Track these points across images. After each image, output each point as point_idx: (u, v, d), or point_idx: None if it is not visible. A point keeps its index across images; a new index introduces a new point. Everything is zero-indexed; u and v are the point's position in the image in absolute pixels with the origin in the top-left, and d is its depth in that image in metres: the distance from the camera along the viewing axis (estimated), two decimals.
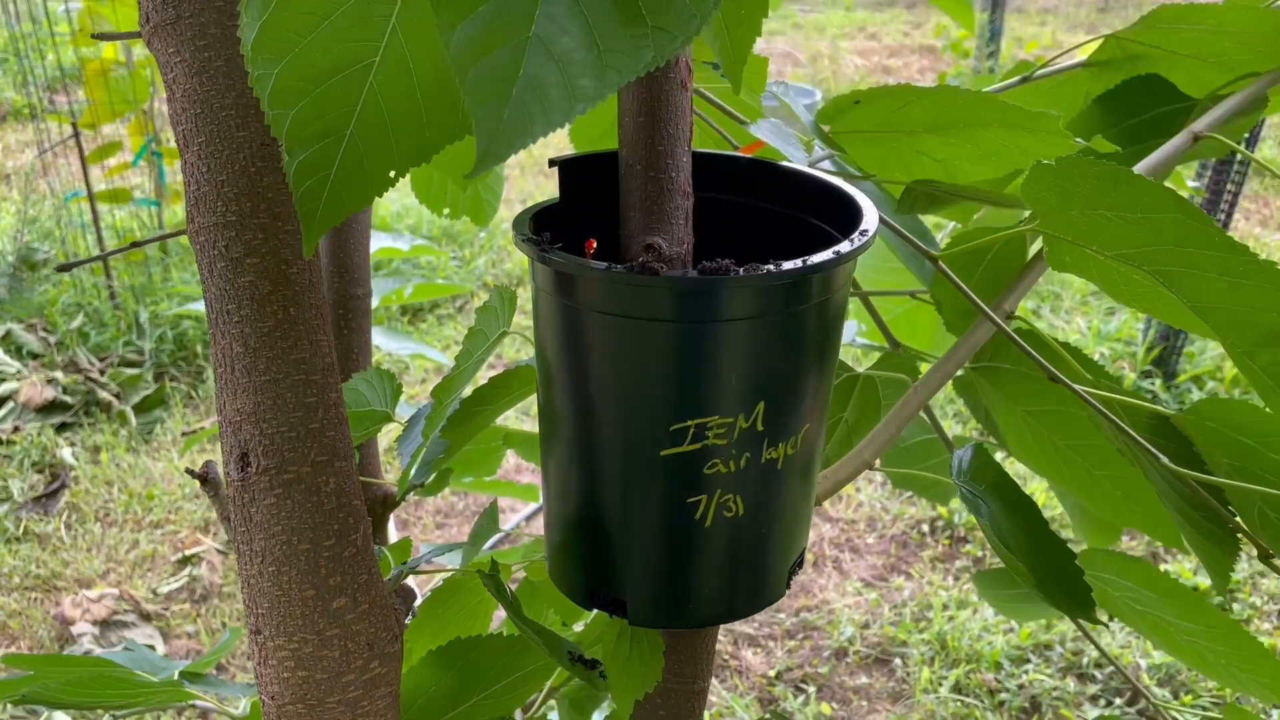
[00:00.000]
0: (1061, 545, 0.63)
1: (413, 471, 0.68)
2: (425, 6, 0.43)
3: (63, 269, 0.54)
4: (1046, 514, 2.34)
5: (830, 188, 0.53)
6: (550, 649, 0.51)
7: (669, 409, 0.45)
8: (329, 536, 0.48)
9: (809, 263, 0.44)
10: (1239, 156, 2.46)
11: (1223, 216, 2.65)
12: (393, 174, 0.46)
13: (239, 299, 0.48)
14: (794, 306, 0.45)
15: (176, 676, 0.83)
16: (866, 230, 0.47)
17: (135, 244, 0.54)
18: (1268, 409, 0.53)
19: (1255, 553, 0.58)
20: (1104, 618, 0.96)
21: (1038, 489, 2.42)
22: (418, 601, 0.55)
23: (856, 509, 2.50)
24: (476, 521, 0.76)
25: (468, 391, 0.66)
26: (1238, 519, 0.58)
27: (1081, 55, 0.85)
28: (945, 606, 2.17)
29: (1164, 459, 0.56)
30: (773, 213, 0.56)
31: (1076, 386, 0.57)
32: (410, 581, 0.65)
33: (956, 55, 5.55)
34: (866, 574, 2.30)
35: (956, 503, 2.30)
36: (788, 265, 0.43)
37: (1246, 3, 0.76)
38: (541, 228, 0.49)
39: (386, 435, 2.47)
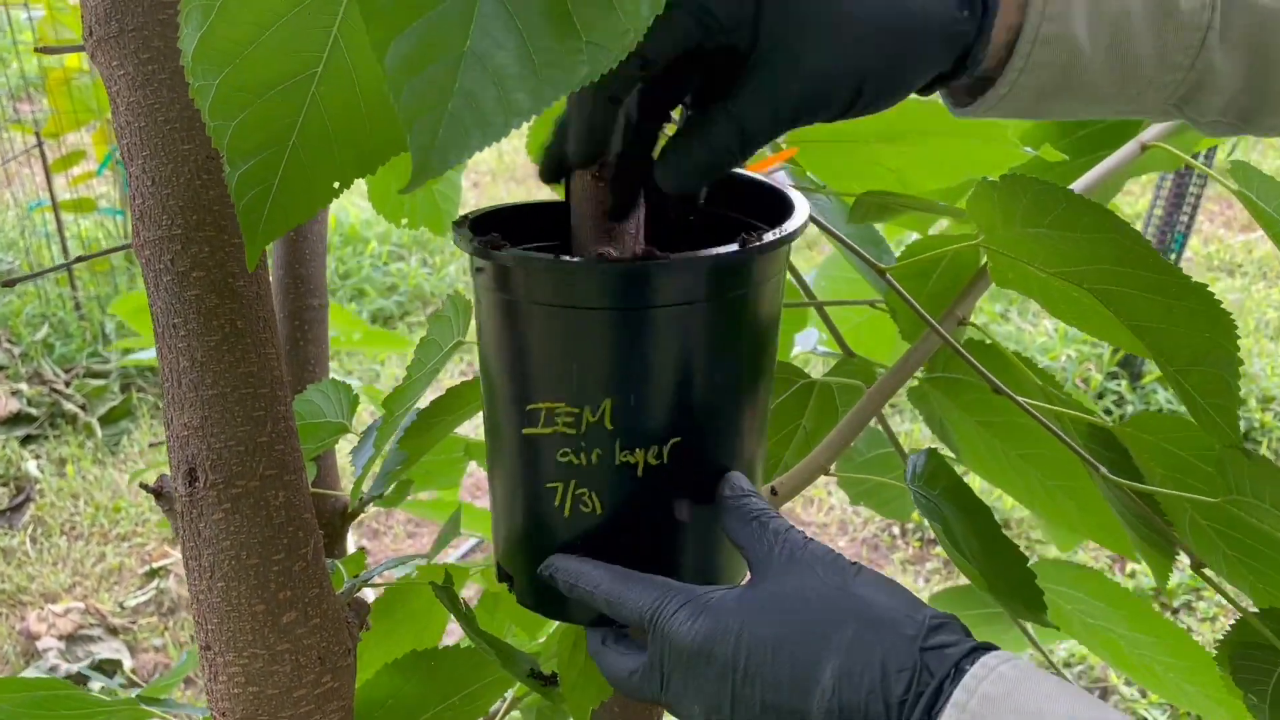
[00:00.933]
0: (1014, 550, 0.63)
1: (368, 483, 0.67)
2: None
3: (8, 284, 0.54)
4: (1014, 515, 2.36)
5: (775, 191, 0.53)
6: (504, 662, 0.51)
7: (526, 389, 0.46)
8: (278, 551, 0.48)
9: (648, 262, 0.43)
10: (1200, 162, 2.49)
11: (1185, 218, 2.69)
12: (337, 185, 0.46)
13: (185, 313, 0.48)
14: (643, 305, 0.43)
15: (133, 698, 0.83)
16: (772, 233, 0.45)
17: (80, 258, 0.53)
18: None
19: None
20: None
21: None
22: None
23: (828, 512, 2.51)
24: (442, 528, 0.76)
25: (425, 402, 0.66)
26: (1172, 527, 0.59)
27: None
28: None
29: (1102, 469, 0.57)
30: (728, 219, 0.56)
31: (1019, 399, 0.58)
32: (368, 594, 0.64)
33: None
34: None
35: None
36: (614, 262, 0.43)
37: None
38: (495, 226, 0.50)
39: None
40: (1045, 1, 0.42)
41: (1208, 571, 0.58)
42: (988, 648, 0.38)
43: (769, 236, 0.45)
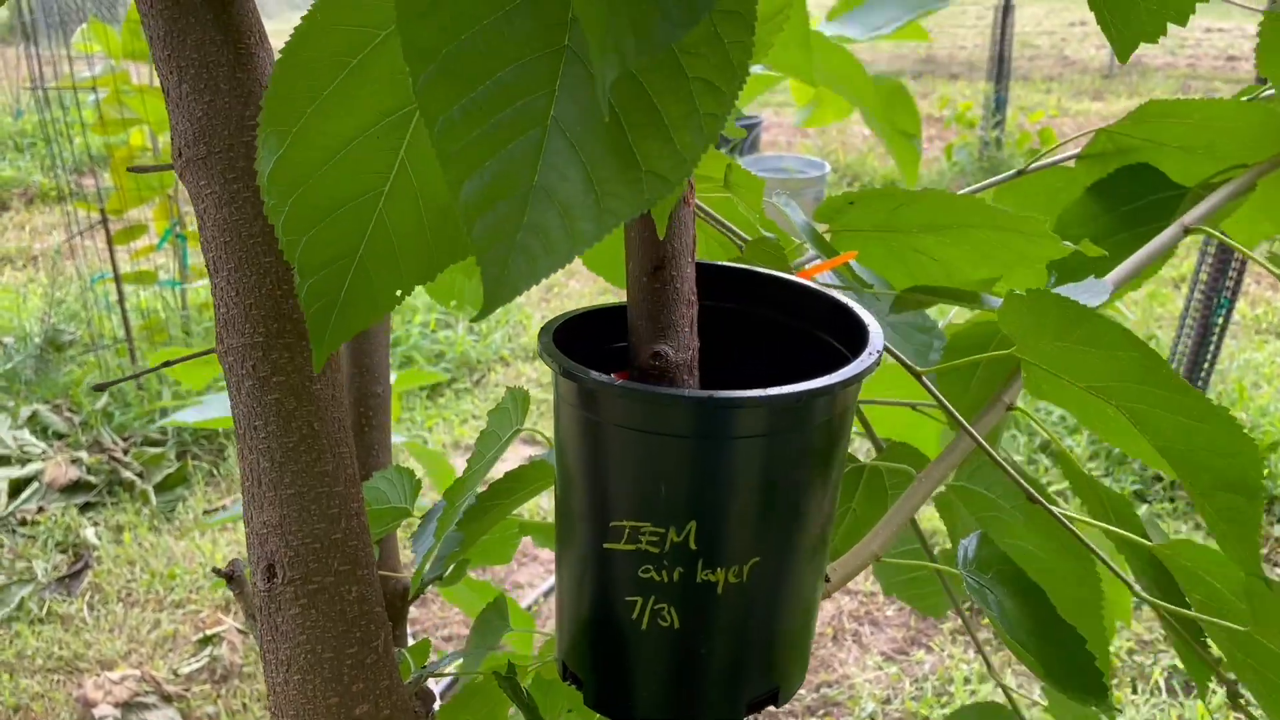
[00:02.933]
0: (1072, 632, 0.63)
1: (428, 565, 0.69)
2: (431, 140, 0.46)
3: (99, 388, 0.57)
4: None
5: (837, 304, 0.54)
6: None
7: (609, 506, 0.47)
8: (352, 644, 0.50)
9: (736, 395, 0.44)
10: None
11: (1231, 282, 2.67)
12: (399, 293, 0.48)
13: (266, 416, 0.50)
14: (730, 435, 0.45)
15: None
16: (834, 379, 0.46)
17: (169, 363, 0.56)
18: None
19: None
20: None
21: None
22: (437, 704, 0.56)
23: (875, 582, 2.48)
24: (479, 615, 0.77)
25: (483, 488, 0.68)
26: (1208, 650, 0.59)
27: (1077, 148, 0.88)
28: (967, 680, 2.15)
29: (1136, 586, 0.58)
30: (782, 324, 0.58)
31: (1054, 509, 0.59)
32: (429, 683, 0.66)
33: (962, 126, 5.63)
34: (886, 647, 2.28)
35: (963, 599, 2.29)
36: (701, 394, 0.44)
37: (1232, 101, 0.78)
38: (571, 330, 0.52)
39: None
40: None
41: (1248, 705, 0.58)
42: None
43: (855, 368, 0.46)
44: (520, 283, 0.35)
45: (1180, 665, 2.17)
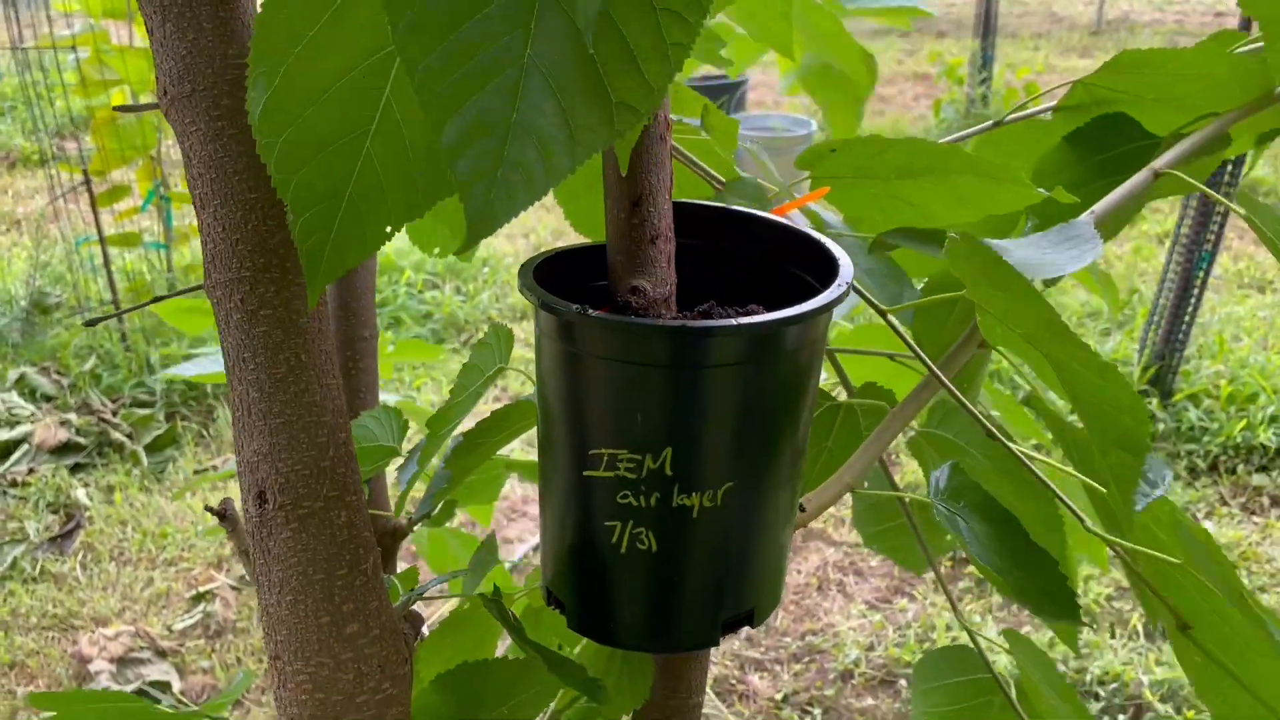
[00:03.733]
0: (1044, 555, 0.65)
1: (416, 499, 0.71)
2: None
3: (89, 324, 0.58)
4: None
5: (810, 239, 0.56)
6: (554, 668, 0.55)
7: (587, 435, 0.49)
8: (342, 566, 0.52)
9: (709, 324, 0.46)
10: (1225, 179, 2.50)
11: (1213, 236, 2.69)
12: (388, 229, 0.50)
13: (254, 348, 0.52)
14: (705, 364, 0.47)
15: (198, 708, 0.87)
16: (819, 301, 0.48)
17: (156, 299, 0.58)
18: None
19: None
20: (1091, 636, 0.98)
21: None
22: (425, 627, 0.58)
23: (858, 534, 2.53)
24: (475, 552, 0.80)
25: (468, 424, 0.70)
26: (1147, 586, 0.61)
27: (1055, 100, 0.89)
28: (949, 627, 2.19)
29: (1087, 521, 0.60)
30: (759, 261, 0.59)
31: (1014, 447, 0.61)
32: (419, 608, 0.68)
33: (950, 82, 5.62)
34: (870, 596, 2.32)
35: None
36: (675, 323, 0.46)
37: (1206, 48, 0.80)
38: (552, 269, 0.54)
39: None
40: None
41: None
42: None
43: (825, 298, 0.48)
44: (501, 215, 0.37)
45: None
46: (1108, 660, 2.07)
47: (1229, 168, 2.50)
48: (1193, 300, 2.81)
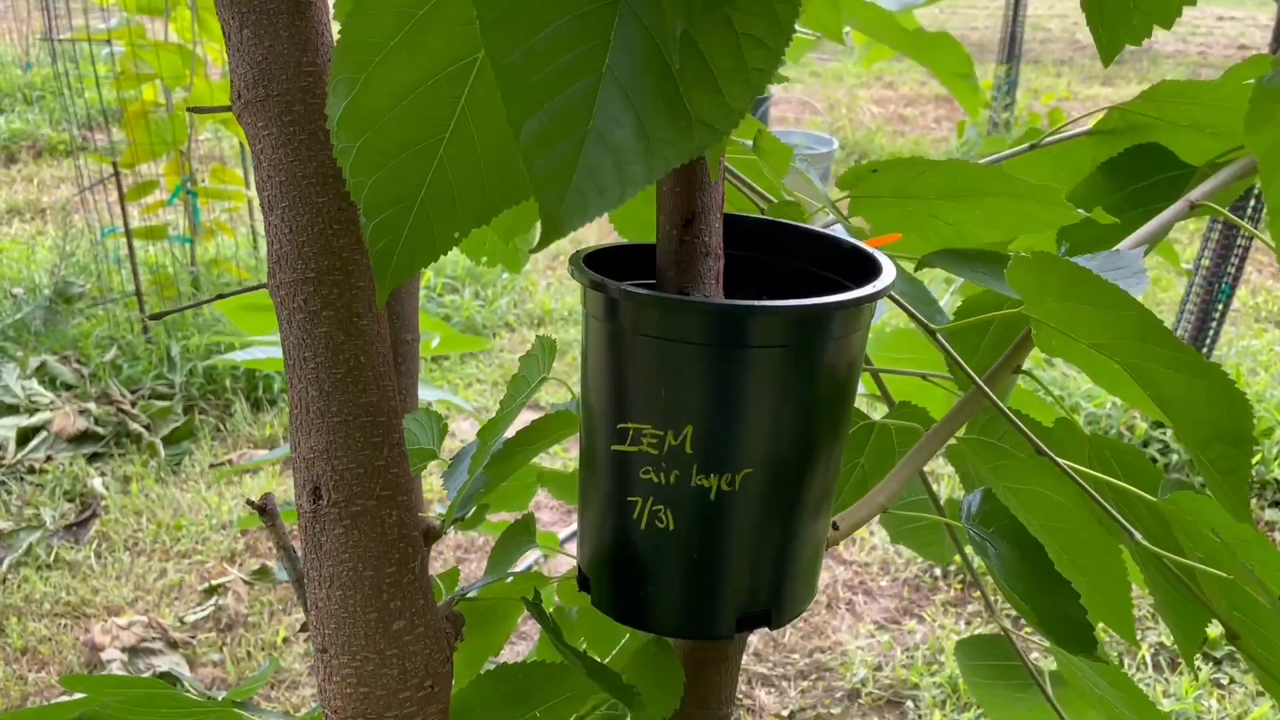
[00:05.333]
0: (1067, 587, 0.66)
1: (456, 506, 0.72)
2: (490, 90, 0.49)
3: (155, 318, 0.60)
4: None
5: (856, 250, 0.57)
6: (591, 673, 0.56)
7: (620, 409, 0.51)
8: (391, 564, 0.53)
9: (731, 304, 0.48)
10: (1249, 210, 2.51)
11: (1233, 269, 2.69)
12: (457, 235, 0.51)
13: (315, 347, 0.53)
14: (731, 344, 0.48)
15: (223, 699, 0.88)
16: (864, 291, 0.50)
17: (221, 296, 0.59)
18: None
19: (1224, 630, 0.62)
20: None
21: None
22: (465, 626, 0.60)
23: (870, 552, 2.53)
24: (507, 529, 0.80)
25: (510, 433, 0.71)
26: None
27: (1089, 124, 0.90)
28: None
29: (1137, 535, 0.61)
30: (807, 272, 0.60)
31: (1062, 462, 0.62)
32: None
33: (971, 113, 5.62)
34: (879, 616, 2.32)
35: (969, 549, 2.33)
36: (699, 299, 0.48)
37: (1239, 74, 0.81)
38: (601, 262, 0.55)
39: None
40: None
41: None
42: None
43: (862, 291, 0.49)
44: (575, 219, 0.38)
45: (1167, 643, 2.22)
46: None
47: (1253, 200, 2.51)
48: (1211, 332, 2.81)
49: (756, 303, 0.48)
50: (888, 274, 0.52)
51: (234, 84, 0.55)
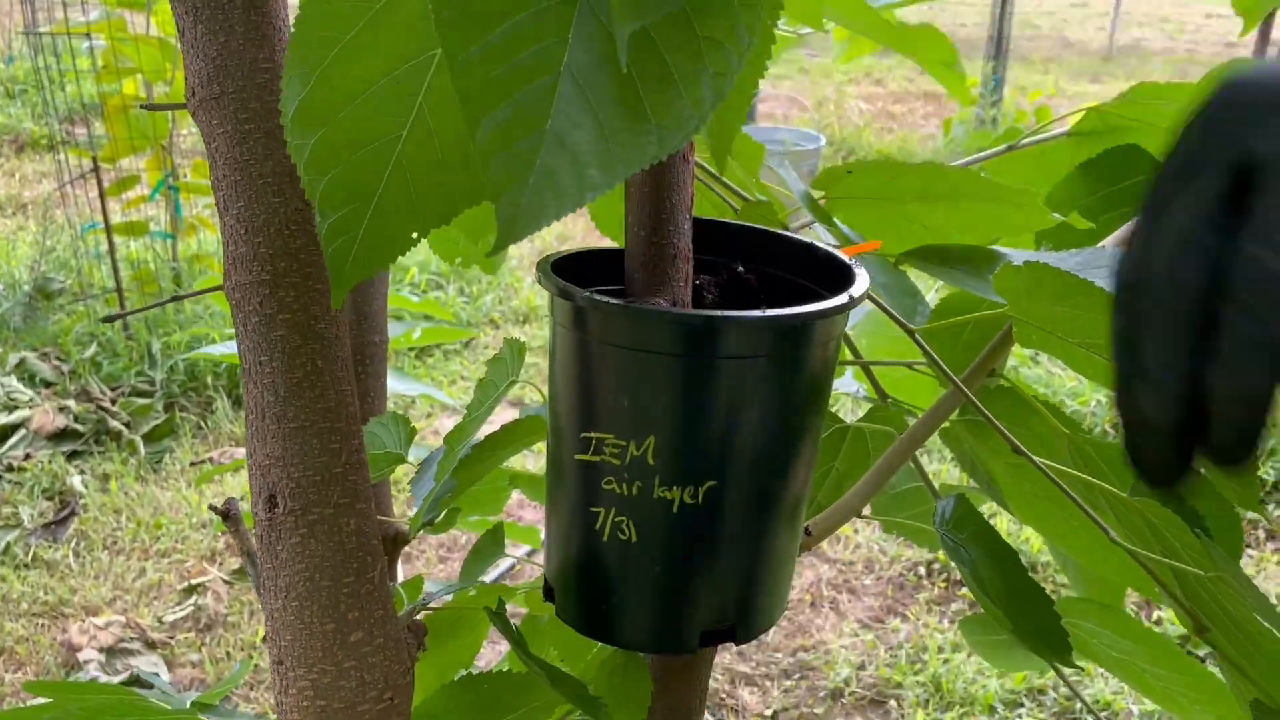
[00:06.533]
0: (1039, 592, 0.66)
1: (424, 511, 0.71)
2: (449, 86, 0.48)
3: (109, 320, 0.58)
4: (1040, 559, 2.37)
5: (829, 257, 0.56)
6: (555, 683, 0.54)
7: (584, 418, 0.50)
8: (349, 574, 0.52)
9: (696, 314, 0.47)
10: None
11: None
12: (415, 235, 0.50)
13: (271, 351, 0.52)
14: (693, 354, 0.47)
15: (189, 705, 0.86)
16: (834, 303, 0.48)
17: (208, 290, 0.58)
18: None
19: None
20: (1084, 664, 0.98)
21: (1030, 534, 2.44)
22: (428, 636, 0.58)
23: (854, 550, 2.52)
24: (477, 541, 0.79)
25: (479, 436, 0.70)
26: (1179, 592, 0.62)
27: (1069, 125, 0.89)
28: (940, 649, 2.19)
29: (1112, 533, 0.60)
30: (779, 279, 0.59)
31: (1037, 460, 0.61)
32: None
33: (961, 102, 5.63)
34: (863, 615, 2.32)
35: None
36: (661, 309, 0.47)
37: None
38: (570, 267, 0.54)
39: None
40: None
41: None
42: None
43: (833, 302, 0.48)
44: (532, 222, 0.37)
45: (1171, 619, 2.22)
46: (1099, 688, 2.07)
47: None
48: None
49: (720, 313, 0.47)
50: (861, 282, 0.51)
51: (188, 81, 0.53)
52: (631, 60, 0.38)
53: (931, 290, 2.01)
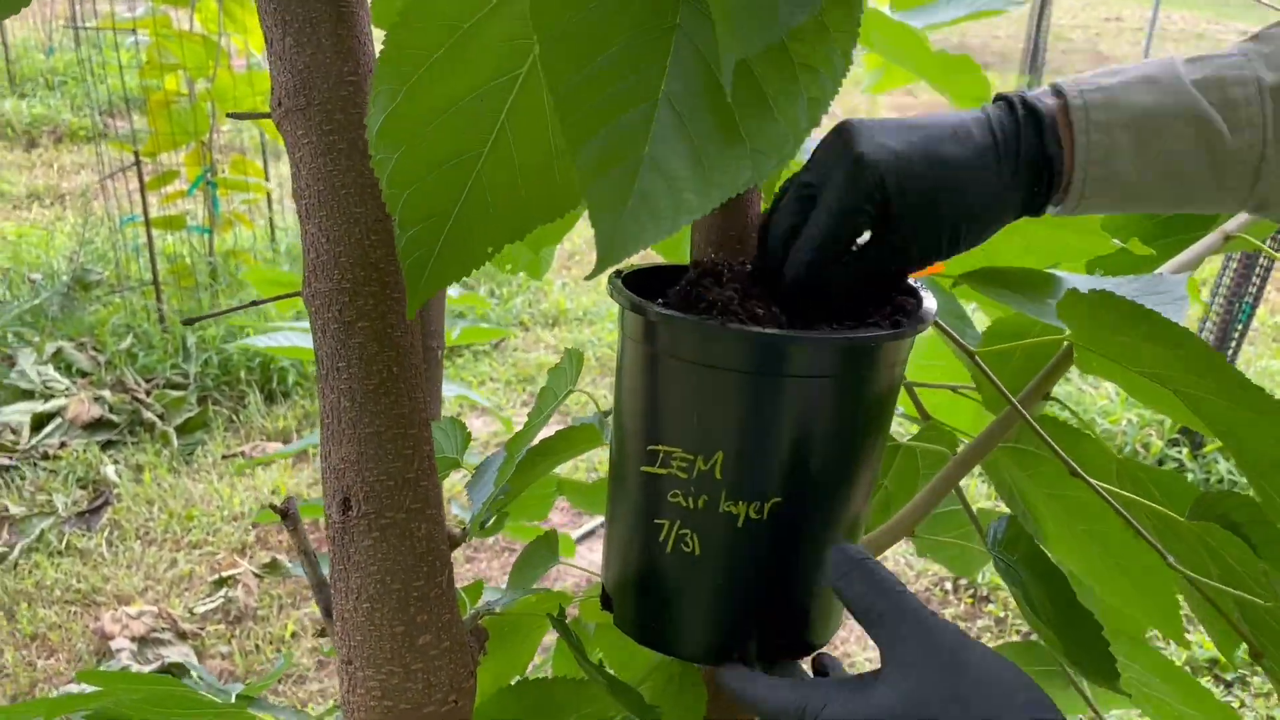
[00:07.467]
0: (1089, 617, 0.66)
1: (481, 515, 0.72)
2: (532, 105, 0.49)
3: (188, 322, 0.60)
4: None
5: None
6: (613, 691, 0.55)
7: (652, 431, 0.50)
8: (419, 578, 0.53)
9: (763, 332, 0.47)
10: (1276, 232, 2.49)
11: (1254, 289, 2.68)
12: (491, 249, 0.51)
13: (349, 358, 0.53)
14: (764, 372, 0.48)
15: (235, 699, 0.88)
16: (904, 321, 0.50)
17: (255, 303, 0.59)
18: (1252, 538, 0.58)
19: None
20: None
21: None
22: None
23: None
24: (528, 547, 0.80)
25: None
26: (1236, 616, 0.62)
27: None
28: None
29: (1170, 558, 0.60)
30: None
31: (1094, 483, 0.61)
32: None
33: None
34: None
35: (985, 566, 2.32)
36: (736, 328, 0.47)
37: None
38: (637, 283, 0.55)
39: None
40: (1089, 151, 0.51)
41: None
42: None
43: (894, 331, 0.49)
44: (630, 244, 0.38)
45: (1195, 654, 2.20)
46: (1123, 713, 2.06)
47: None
48: (1230, 351, 2.79)
49: (792, 333, 0.48)
50: (929, 306, 0.52)
51: (275, 91, 0.54)
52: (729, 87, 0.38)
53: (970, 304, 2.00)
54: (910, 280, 0.56)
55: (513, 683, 0.61)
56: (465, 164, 0.49)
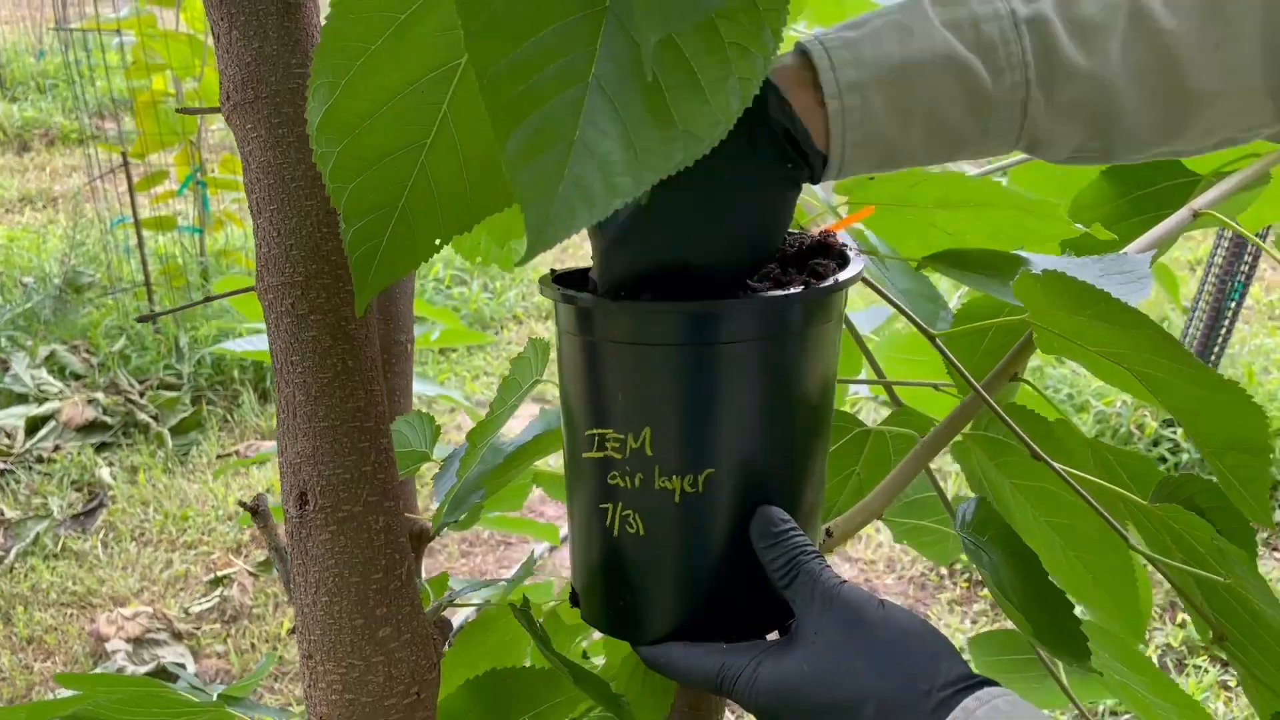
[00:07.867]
0: (1061, 597, 0.66)
1: (446, 509, 0.72)
2: (474, 96, 0.48)
3: (143, 320, 0.60)
4: None
5: (830, 244, 0.56)
6: (578, 680, 0.55)
7: (586, 416, 0.51)
8: (377, 570, 0.53)
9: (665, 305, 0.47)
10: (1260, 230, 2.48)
11: (1246, 267, 2.67)
12: (438, 241, 0.51)
13: (302, 351, 0.53)
14: (675, 342, 0.47)
15: (215, 699, 0.88)
16: (824, 281, 0.49)
17: (231, 293, 0.59)
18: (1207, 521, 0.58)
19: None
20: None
21: None
22: (453, 633, 0.59)
23: (876, 550, 2.52)
24: (518, 569, 0.81)
25: (504, 432, 0.71)
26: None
27: None
28: (963, 649, 2.18)
29: (1131, 540, 0.60)
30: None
31: (1056, 466, 0.61)
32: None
33: None
34: None
35: None
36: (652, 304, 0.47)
37: None
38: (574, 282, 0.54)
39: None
40: (844, 116, 0.47)
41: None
42: (987, 683, 0.43)
43: (811, 290, 0.48)
44: (561, 230, 0.37)
45: (1174, 644, 2.21)
46: (1108, 703, 2.06)
47: None
48: (1223, 331, 2.79)
49: (703, 301, 0.47)
50: (855, 264, 0.51)
51: (223, 85, 0.54)
52: (658, 68, 0.38)
53: (954, 296, 2.00)
54: (846, 246, 0.55)
55: (480, 674, 0.60)
56: (409, 156, 0.49)
